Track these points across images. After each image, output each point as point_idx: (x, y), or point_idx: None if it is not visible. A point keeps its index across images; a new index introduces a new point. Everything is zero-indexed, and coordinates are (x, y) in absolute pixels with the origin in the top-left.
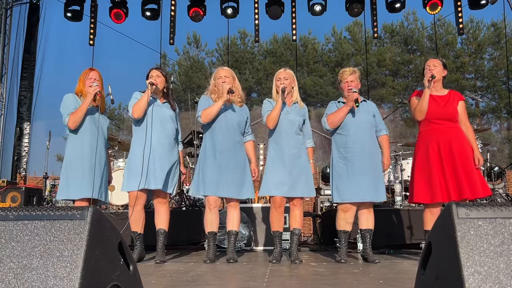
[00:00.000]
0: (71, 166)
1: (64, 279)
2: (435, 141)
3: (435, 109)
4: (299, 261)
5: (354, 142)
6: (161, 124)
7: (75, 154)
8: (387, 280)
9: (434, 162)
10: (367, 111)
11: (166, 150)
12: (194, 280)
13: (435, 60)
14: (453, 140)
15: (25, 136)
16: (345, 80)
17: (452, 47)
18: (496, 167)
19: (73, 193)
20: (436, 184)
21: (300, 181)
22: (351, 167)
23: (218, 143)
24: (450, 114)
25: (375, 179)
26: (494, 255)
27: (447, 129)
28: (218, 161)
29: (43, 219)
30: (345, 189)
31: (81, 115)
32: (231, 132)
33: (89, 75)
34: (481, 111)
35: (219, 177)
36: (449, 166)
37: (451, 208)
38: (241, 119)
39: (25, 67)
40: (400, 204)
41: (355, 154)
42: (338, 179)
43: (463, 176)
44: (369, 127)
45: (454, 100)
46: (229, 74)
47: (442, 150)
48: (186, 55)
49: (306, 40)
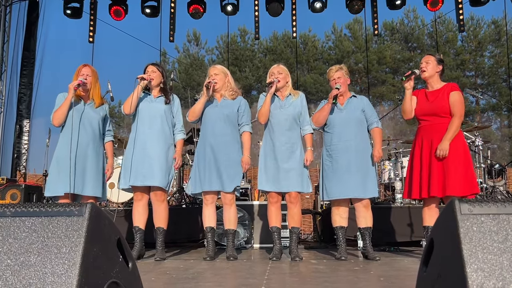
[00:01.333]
0: (52, 163)
1: (62, 276)
2: (420, 138)
3: (423, 106)
4: (299, 258)
5: (339, 139)
6: (150, 120)
7: (57, 151)
8: (387, 277)
9: (416, 159)
10: (354, 107)
11: (155, 145)
12: (194, 277)
13: (428, 57)
14: (435, 136)
15: (24, 133)
16: (332, 78)
17: (452, 44)
18: (497, 164)
19: (49, 190)
20: (414, 181)
21: (293, 176)
22: (335, 164)
23: (207, 138)
24: (437, 109)
25: (363, 175)
26: (498, 252)
27: (433, 125)
28: (208, 155)
29: (40, 215)
30: (331, 186)
31: (62, 112)
32: (220, 125)
33: (81, 72)
34: (481, 108)
35: (210, 171)
36: (426, 163)
37: (454, 204)
38: (231, 111)
39: (25, 64)
40: (401, 201)
41: (339, 151)
42: (325, 176)
43: (437, 173)
44: (356, 123)
45: (444, 94)
46: (219, 71)
47: (424, 146)
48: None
49: (306, 38)
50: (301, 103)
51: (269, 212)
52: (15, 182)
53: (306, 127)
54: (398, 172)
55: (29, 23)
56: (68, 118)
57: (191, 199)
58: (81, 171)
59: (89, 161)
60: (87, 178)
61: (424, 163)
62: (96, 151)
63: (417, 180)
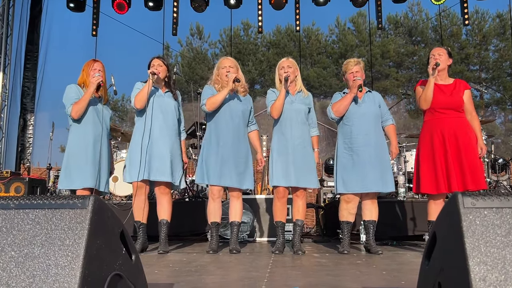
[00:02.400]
0: (73, 156)
1: (66, 267)
2: (439, 131)
3: (440, 98)
4: (302, 252)
5: (358, 132)
6: (163, 114)
7: (78, 144)
8: (390, 271)
9: (438, 152)
10: (372, 101)
11: (168, 140)
12: (197, 270)
13: (440, 49)
14: (458, 130)
15: (28, 127)
16: (350, 71)
17: (456, 38)
18: (501, 159)
19: (76, 183)
20: (439, 175)
21: (305, 171)
22: (356, 157)
23: (222, 133)
24: (455, 103)
25: (382, 170)
26: (501, 245)
27: (452, 119)
28: (221, 150)
29: (44, 208)
30: (351, 180)
31: (84, 105)
32: (235, 121)
33: (93, 66)
34: (485, 102)
35: (222, 167)
36: (453, 157)
37: (457, 197)
38: (245, 108)
39: (28, 58)
40: (404, 195)
41: (360, 144)
42: (343, 169)
43: (467, 167)
44: (374, 118)
45: (460, 89)
46: (233, 64)
47: (447, 140)
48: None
49: (309, 31)
50: (310, 102)
51: (275, 207)
52: (19, 175)
53: (314, 129)
54: (401, 166)
55: (32, 17)
56: (88, 112)
57: (194, 192)
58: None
59: (103, 157)
60: (103, 174)
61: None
62: (108, 147)
63: (442, 174)
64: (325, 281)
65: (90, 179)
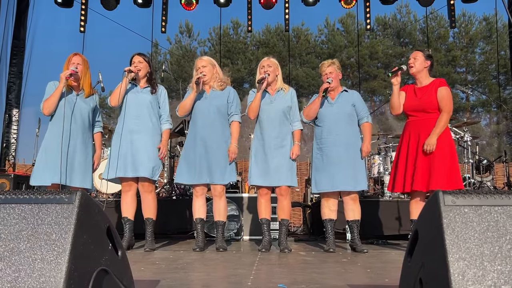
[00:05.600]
0: (40, 153)
1: (52, 262)
2: (408, 133)
3: (411, 102)
4: (288, 250)
5: (329, 133)
6: (136, 110)
7: (46, 140)
8: (374, 269)
9: (402, 153)
10: (345, 101)
11: (143, 135)
12: (183, 267)
13: (416, 53)
14: (422, 131)
15: (13, 123)
16: (324, 73)
17: (444, 40)
18: (485, 160)
19: (34, 179)
20: (398, 175)
21: (283, 170)
22: (326, 157)
23: (198, 130)
24: (424, 105)
25: (351, 168)
26: (479, 242)
27: (421, 121)
28: (199, 148)
29: (30, 202)
30: (321, 179)
31: (53, 101)
32: (212, 117)
33: (71, 60)
34: (471, 104)
35: (200, 164)
36: (412, 157)
37: (438, 195)
38: (221, 103)
39: (14, 53)
40: (389, 195)
41: (329, 144)
42: (315, 169)
43: (422, 168)
44: (346, 118)
45: (432, 89)
46: (207, 63)
47: (411, 141)
48: (178, 44)
49: (299, 31)
50: (291, 98)
51: (259, 205)
52: (4, 171)
53: (296, 123)
54: (388, 166)
55: (19, 12)
56: (58, 108)
57: (181, 190)
58: (70, 162)
59: (78, 152)
60: (75, 169)
61: (410, 158)
62: (85, 142)
63: (401, 174)
64: (311, 278)
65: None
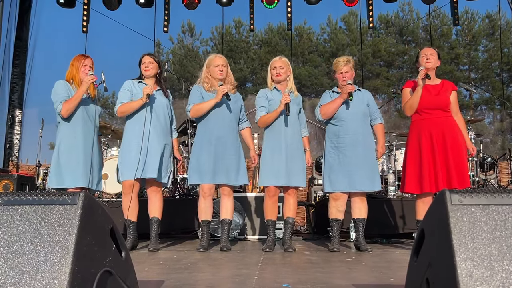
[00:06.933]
0: (64, 155)
1: (55, 264)
2: (427, 131)
3: (427, 98)
4: (292, 249)
5: (346, 132)
6: (155, 112)
7: (68, 142)
8: (379, 268)
9: (425, 152)
10: (360, 100)
11: (161, 139)
12: (187, 267)
13: (431, 49)
14: (446, 130)
15: (16, 123)
16: (339, 71)
17: (446, 38)
18: (489, 158)
19: (67, 182)
20: (425, 175)
21: (296, 171)
22: (342, 157)
23: (213, 131)
24: (442, 104)
25: (369, 169)
26: (487, 242)
27: (440, 119)
28: (214, 148)
29: (33, 204)
30: (337, 179)
31: (75, 104)
32: (227, 119)
33: (84, 62)
34: (474, 102)
35: (216, 164)
36: (440, 157)
37: (444, 194)
38: (236, 106)
39: (17, 54)
40: (393, 194)
41: (347, 144)
42: (329, 169)
43: (454, 167)
44: (362, 117)
45: (447, 90)
46: (226, 63)
47: (435, 140)
48: (181, 44)
49: (301, 30)
50: (300, 103)
51: (265, 206)
52: (7, 172)
53: (304, 130)
54: (391, 165)
55: (21, 12)
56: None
57: (185, 190)
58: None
59: (95, 156)
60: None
61: (438, 156)
62: (99, 144)
63: (428, 174)
64: (315, 278)
65: (81, 179)
